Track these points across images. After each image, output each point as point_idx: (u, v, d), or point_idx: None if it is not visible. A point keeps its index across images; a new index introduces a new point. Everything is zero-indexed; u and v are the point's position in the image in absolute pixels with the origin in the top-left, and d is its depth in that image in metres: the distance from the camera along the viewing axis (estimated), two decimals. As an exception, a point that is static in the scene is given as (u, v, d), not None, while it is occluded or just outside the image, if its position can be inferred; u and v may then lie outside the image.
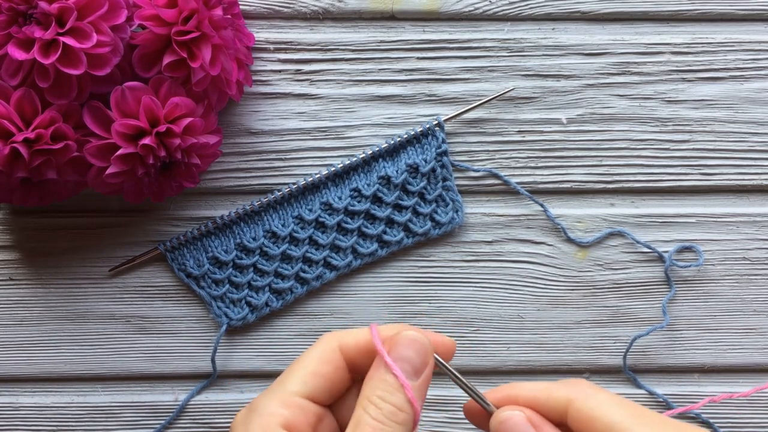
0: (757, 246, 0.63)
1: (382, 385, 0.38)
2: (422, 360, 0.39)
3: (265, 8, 0.63)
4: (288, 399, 0.38)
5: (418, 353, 0.39)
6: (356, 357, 0.40)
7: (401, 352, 0.38)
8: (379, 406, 0.37)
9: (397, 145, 0.62)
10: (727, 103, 0.63)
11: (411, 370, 0.38)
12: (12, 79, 0.51)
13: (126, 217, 0.63)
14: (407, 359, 0.38)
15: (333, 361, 0.39)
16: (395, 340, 0.39)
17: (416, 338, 0.39)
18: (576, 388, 0.38)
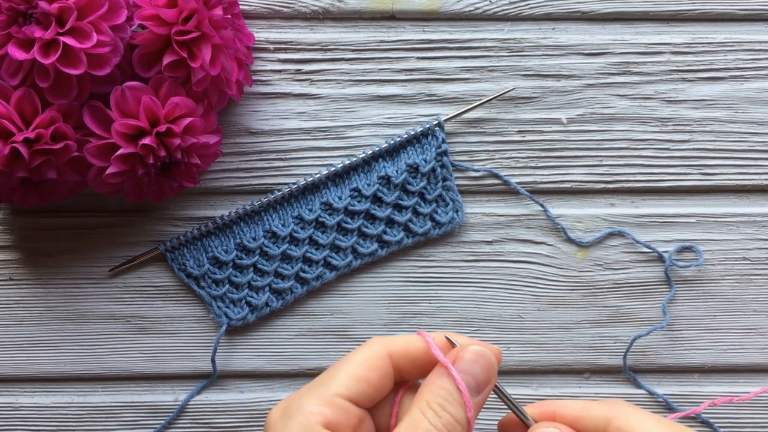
0: (757, 246, 0.63)
1: (443, 393, 0.37)
2: (486, 378, 0.38)
3: (265, 8, 0.63)
4: (330, 399, 0.37)
5: (483, 370, 0.38)
6: (405, 365, 0.39)
7: (467, 367, 0.38)
8: (439, 414, 0.37)
9: (397, 145, 0.62)
10: (727, 103, 0.63)
11: (474, 386, 0.38)
12: (12, 79, 0.51)
13: (126, 217, 0.63)
14: (473, 375, 0.38)
15: (380, 367, 0.39)
16: (462, 353, 0.38)
17: (484, 354, 0.38)
18: (615, 407, 0.38)
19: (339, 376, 0.38)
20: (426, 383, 0.38)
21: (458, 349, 0.39)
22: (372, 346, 0.39)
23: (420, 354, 0.39)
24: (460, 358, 0.38)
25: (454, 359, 0.38)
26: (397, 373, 0.40)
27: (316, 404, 0.37)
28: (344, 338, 0.63)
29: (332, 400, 0.37)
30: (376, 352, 0.39)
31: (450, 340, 0.40)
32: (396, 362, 0.39)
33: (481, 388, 0.38)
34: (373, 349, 0.39)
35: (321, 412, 0.36)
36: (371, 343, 0.39)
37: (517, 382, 0.64)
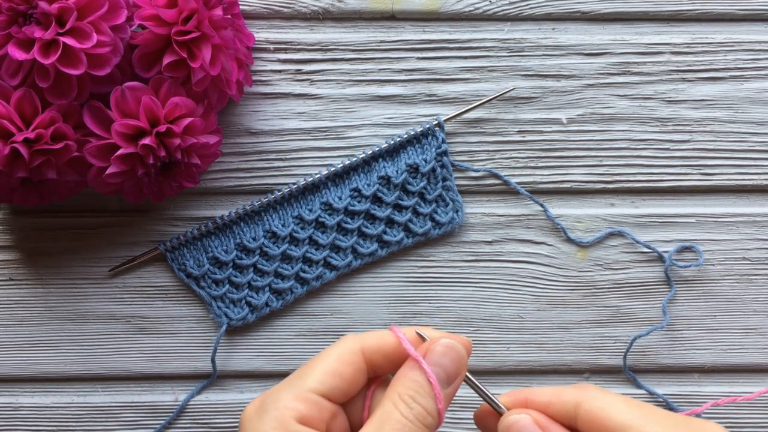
0: (757, 246, 0.63)
1: (414, 386, 0.38)
2: (456, 369, 0.39)
3: (265, 8, 0.63)
4: (304, 395, 0.38)
5: (453, 362, 0.39)
6: (378, 360, 0.40)
7: (437, 359, 0.39)
8: (410, 405, 0.38)
9: (397, 145, 0.62)
10: (727, 103, 0.63)
11: (445, 378, 0.39)
12: (12, 79, 0.51)
13: (126, 217, 0.63)
14: (443, 367, 0.39)
15: (353, 363, 0.39)
16: (432, 347, 0.39)
17: (453, 347, 0.39)
18: (585, 390, 0.39)
19: (313, 372, 0.39)
20: (397, 376, 0.39)
21: (429, 342, 0.40)
22: (345, 342, 0.40)
23: (392, 349, 0.40)
24: (431, 351, 0.39)
25: (424, 352, 0.39)
26: (370, 368, 0.40)
27: (290, 399, 0.38)
28: (344, 338, 0.63)
29: (306, 395, 0.38)
30: (349, 347, 0.40)
31: (420, 335, 0.41)
32: (369, 357, 0.40)
33: (452, 380, 0.39)
34: (347, 345, 0.40)
35: (295, 407, 0.37)
36: (345, 339, 0.40)
37: (517, 382, 0.64)
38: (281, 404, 0.37)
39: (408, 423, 0.37)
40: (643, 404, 0.38)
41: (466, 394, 0.63)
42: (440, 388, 0.38)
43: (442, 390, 0.39)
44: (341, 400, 0.40)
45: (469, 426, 0.63)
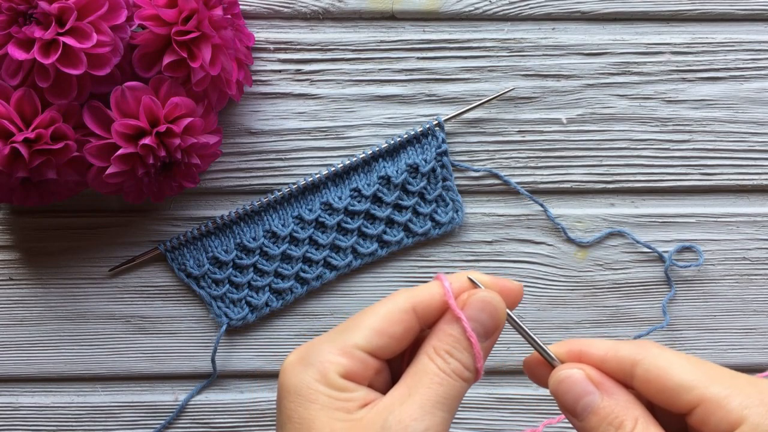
0: (757, 246, 0.63)
1: (450, 340, 0.37)
2: (494, 324, 0.38)
3: (265, 8, 0.63)
4: (348, 350, 0.37)
5: (491, 317, 0.38)
6: (432, 315, 0.39)
7: (474, 314, 0.38)
8: (447, 360, 0.37)
9: (397, 145, 0.62)
10: (727, 103, 0.63)
11: (482, 332, 0.38)
12: (12, 79, 0.51)
13: (126, 217, 0.63)
14: (480, 321, 0.38)
15: (404, 321, 0.38)
16: (469, 300, 0.38)
17: (491, 301, 0.38)
18: (643, 348, 0.37)
19: (360, 328, 0.37)
20: (434, 330, 0.38)
21: (468, 294, 0.38)
22: (396, 300, 0.38)
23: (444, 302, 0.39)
24: (468, 304, 0.38)
25: (462, 306, 0.38)
26: (425, 324, 0.39)
27: (334, 353, 0.37)
28: (344, 338, 0.63)
29: (351, 351, 0.37)
30: (400, 305, 0.38)
31: (472, 281, 0.40)
32: (422, 315, 0.38)
33: (489, 334, 0.38)
34: (398, 303, 0.38)
35: (339, 361, 0.36)
36: (396, 295, 0.39)
37: (517, 381, 0.64)
38: (325, 357, 0.37)
39: (445, 377, 0.36)
40: (706, 363, 0.36)
41: (466, 394, 0.63)
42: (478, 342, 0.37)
43: (482, 344, 0.37)
44: (388, 357, 0.39)
45: (469, 426, 0.63)
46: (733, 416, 0.33)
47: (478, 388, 0.64)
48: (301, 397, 0.36)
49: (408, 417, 0.35)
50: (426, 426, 0.35)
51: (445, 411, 0.36)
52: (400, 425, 0.35)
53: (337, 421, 0.35)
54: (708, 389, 0.34)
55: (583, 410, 0.37)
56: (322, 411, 0.35)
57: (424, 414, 0.35)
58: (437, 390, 0.36)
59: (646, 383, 0.36)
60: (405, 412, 0.35)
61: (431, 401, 0.36)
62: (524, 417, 0.64)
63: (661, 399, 0.35)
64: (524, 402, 0.63)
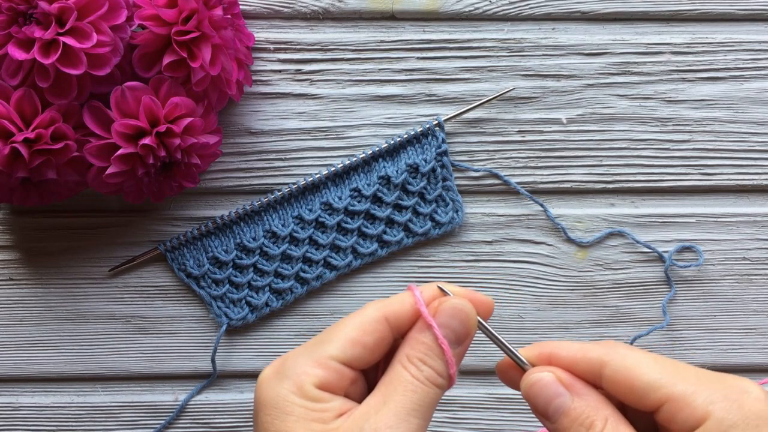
0: (757, 246, 0.63)
1: (423, 348, 0.38)
2: (465, 330, 0.39)
3: (265, 8, 0.63)
4: (324, 361, 0.37)
5: (462, 323, 0.38)
6: (403, 324, 0.39)
7: (446, 321, 0.38)
8: (420, 368, 0.37)
9: (397, 145, 0.62)
10: (727, 103, 0.63)
11: (454, 339, 0.38)
12: (12, 79, 0.51)
13: (126, 217, 0.63)
14: (451, 328, 0.38)
15: (376, 331, 0.38)
16: (441, 307, 0.39)
17: (462, 308, 0.39)
18: (612, 349, 0.37)
19: (334, 339, 0.38)
20: (407, 339, 0.39)
21: (438, 302, 0.39)
22: (368, 311, 0.39)
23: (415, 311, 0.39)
24: (439, 311, 0.39)
25: (433, 313, 0.39)
26: (398, 333, 0.40)
27: (310, 365, 0.37)
28: (344, 338, 0.63)
29: (327, 362, 0.37)
30: (372, 315, 0.39)
31: (442, 290, 0.40)
32: (395, 324, 0.39)
33: (461, 340, 0.39)
34: (369, 313, 0.39)
35: (315, 372, 0.37)
36: (368, 306, 0.40)
37: (517, 382, 0.64)
38: (300, 369, 0.37)
39: (419, 384, 0.37)
40: (673, 362, 0.36)
41: (466, 394, 0.63)
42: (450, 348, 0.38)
43: (453, 351, 0.38)
44: (363, 367, 0.39)
45: (469, 426, 0.63)
46: (699, 412, 0.34)
47: (478, 388, 0.64)
48: (277, 410, 0.36)
49: (383, 425, 0.35)
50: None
51: (419, 418, 0.37)
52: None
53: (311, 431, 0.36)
54: (674, 387, 0.35)
55: (554, 412, 0.37)
56: (298, 422, 0.36)
57: (399, 422, 0.36)
58: (411, 397, 0.37)
59: (614, 384, 0.36)
60: (380, 420, 0.36)
61: (406, 409, 0.36)
62: (524, 417, 0.64)
63: (629, 398, 0.36)
64: (524, 402, 0.63)
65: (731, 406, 0.34)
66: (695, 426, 0.34)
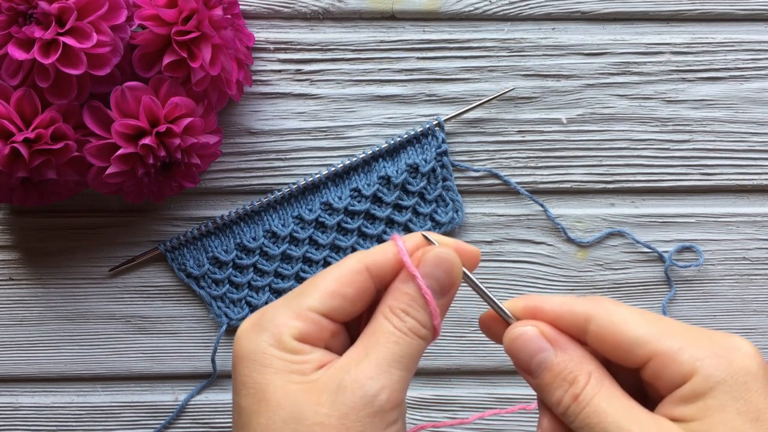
0: (757, 246, 0.63)
1: (406, 299, 0.37)
2: (449, 281, 0.37)
3: (265, 8, 0.63)
4: (303, 313, 0.36)
5: (446, 273, 0.37)
6: (386, 274, 0.38)
7: (429, 271, 0.37)
8: (403, 318, 0.36)
9: (397, 145, 0.62)
10: (727, 103, 0.63)
11: (438, 289, 0.37)
12: (12, 79, 0.51)
13: (126, 217, 0.63)
14: (435, 278, 0.37)
15: (357, 282, 0.37)
16: (425, 257, 0.37)
17: (446, 257, 0.37)
18: (598, 304, 0.36)
19: (314, 291, 0.37)
20: (390, 289, 0.38)
21: (422, 251, 0.38)
22: (349, 261, 0.38)
23: (398, 261, 0.38)
24: (423, 261, 0.37)
25: (417, 263, 0.37)
26: (380, 284, 0.38)
27: (288, 317, 0.36)
28: (344, 338, 0.63)
29: (306, 314, 0.36)
30: (352, 266, 0.38)
31: (427, 238, 0.39)
32: (376, 275, 0.38)
33: (445, 291, 0.38)
34: (349, 264, 0.38)
35: (293, 324, 0.36)
36: (349, 258, 0.38)
37: (517, 382, 0.64)
38: (279, 321, 0.36)
39: (401, 335, 0.36)
40: (661, 318, 0.36)
41: (466, 394, 0.63)
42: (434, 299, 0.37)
43: (438, 302, 0.37)
44: (346, 319, 0.38)
45: (469, 426, 0.63)
46: (686, 368, 0.33)
47: (478, 388, 0.64)
48: (255, 363, 0.36)
49: (363, 376, 0.35)
50: (382, 384, 0.35)
51: (402, 369, 0.36)
52: (355, 384, 0.34)
53: (291, 383, 0.35)
54: (660, 343, 0.34)
55: (537, 367, 0.37)
56: (277, 375, 0.35)
57: (380, 373, 0.35)
58: (393, 349, 0.36)
59: (599, 339, 0.36)
60: (361, 371, 0.35)
61: (387, 360, 0.35)
62: (524, 417, 0.64)
63: (615, 354, 0.36)
64: (524, 402, 0.63)
65: (719, 363, 0.33)
66: (681, 382, 0.34)
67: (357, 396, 0.34)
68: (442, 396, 0.63)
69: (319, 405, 0.34)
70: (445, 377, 0.64)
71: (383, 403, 0.34)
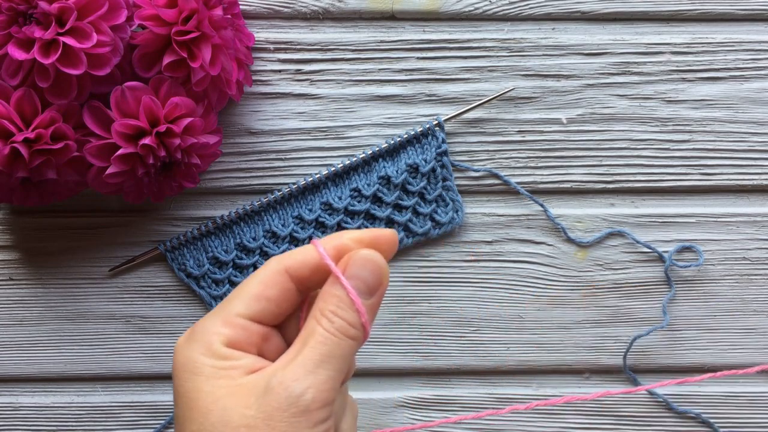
0: (757, 246, 0.63)
1: (335, 300, 0.38)
2: (376, 280, 0.39)
3: (265, 8, 0.63)
4: (231, 319, 0.38)
5: (372, 273, 0.39)
6: (307, 275, 0.39)
7: (356, 272, 0.38)
8: (332, 320, 0.38)
9: (397, 145, 0.62)
10: (727, 103, 0.63)
11: (365, 289, 0.38)
12: (12, 79, 0.51)
13: (126, 217, 0.63)
14: (362, 279, 0.38)
15: (278, 283, 0.39)
16: (352, 258, 0.39)
17: (372, 258, 0.39)
18: None
19: (238, 298, 0.39)
20: (320, 294, 0.39)
21: (349, 255, 0.39)
22: (269, 265, 0.40)
23: (318, 263, 0.39)
24: (350, 263, 0.39)
25: (345, 265, 0.39)
26: (301, 285, 0.40)
27: (217, 325, 0.38)
28: (344, 338, 0.63)
29: (232, 320, 0.38)
30: (272, 268, 0.39)
31: None
32: (296, 276, 0.39)
33: (373, 291, 0.39)
34: (270, 267, 0.39)
35: (222, 332, 0.38)
36: (268, 262, 0.40)
37: (517, 382, 0.64)
38: (209, 330, 0.38)
39: (330, 336, 0.37)
40: None
41: (466, 394, 0.63)
42: (362, 300, 0.38)
43: (364, 301, 0.38)
44: (274, 322, 0.40)
45: (469, 426, 0.63)
46: None
47: (478, 388, 0.64)
48: (187, 372, 0.37)
49: (289, 378, 0.36)
50: (307, 385, 0.36)
51: (330, 369, 0.37)
52: (281, 386, 0.35)
53: (221, 388, 0.36)
54: None
55: None
56: (207, 381, 0.36)
57: (307, 373, 0.36)
58: (320, 349, 0.37)
59: None
60: (287, 373, 0.36)
61: (313, 361, 0.36)
62: (524, 417, 0.64)
63: None
64: (524, 402, 0.63)
65: None
66: None
67: (282, 397, 0.35)
68: (442, 396, 0.63)
69: (246, 408, 0.35)
70: (445, 377, 0.64)
71: (308, 403, 0.35)
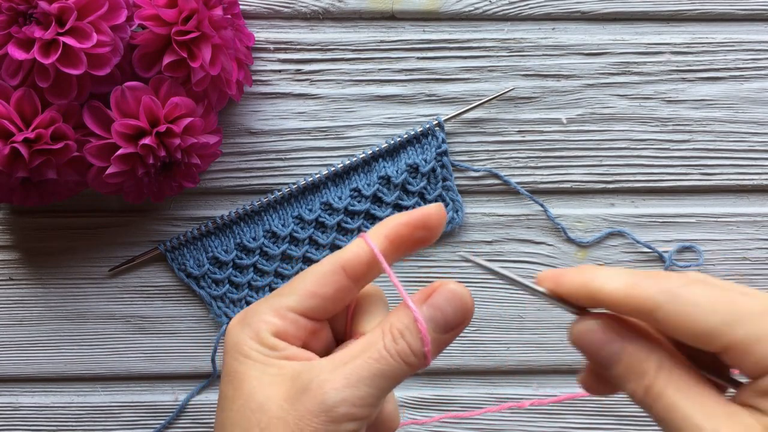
0: (757, 246, 0.63)
1: (406, 321, 0.37)
2: (458, 318, 0.37)
3: (265, 8, 0.63)
4: (281, 311, 0.38)
5: (456, 311, 0.37)
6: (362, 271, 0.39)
7: (440, 303, 0.37)
8: (396, 340, 0.36)
9: (397, 145, 0.62)
10: (727, 103, 0.63)
11: (443, 324, 0.37)
12: (12, 79, 0.51)
13: (126, 217, 0.63)
14: (443, 312, 0.37)
15: (335, 282, 0.38)
16: (440, 288, 0.37)
17: (460, 295, 0.37)
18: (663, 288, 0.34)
19: (292, 291, 0.39)
20: (396, 308, 0.38)
21: (439, 282, 0.38)
22: (325, 263, 0.39)
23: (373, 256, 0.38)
24: (438, 292, 0.37)
25: (432, 291, 0.37)
26: (357, 280, 0.39)
27: (268, 314, 0.38)
28: (344, 338, 0.63)
29: (284, 312, 0.38)
30: (327, 268, 0.39)
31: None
32: (352, 272, 0.38)
33: (450, 328, 0.37)
34: (326, 265, 0.39)
35: (272, 321, 0.38)
36: (322, 262, 0.39)
37: (517, 382, 0.64)
38: (260, 317, 0.38)
39: (387, 356, 0.36)
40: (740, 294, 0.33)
41: (466, 394, 0.63)
42: (435, 333, 0.36)
43: (437, 335, 0.37)
44: (326, 317, 0.39)
45: (469, 426, 0.63)
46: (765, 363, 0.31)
47: (478, 388, 0.64)
48: (237, 353, 0.38)
49: (330, 384, 0.35)
50: (343, 397, 0.35)
51: (373, 388, 0.36)
52: (319, 390, 0.35)
53: (266, 375, 0.37)
54: (736, 334, 0.31)
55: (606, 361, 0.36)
56: (254, 366, 0.37)
57: (347, 386, 0.35)
58: (372, 365, 0.36)
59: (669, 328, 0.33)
60: (329, 378, 0.35)
61: (358, 375, 0.35)
62: (524, 417, 0.64)
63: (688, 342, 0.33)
64: (522, 402, 0.63)
65: None
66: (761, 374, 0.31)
67: (316, 401, 0.35)
68: (442, 396, 0.63)
69: (284, 400, 0.36)
70: (445, 377, 0.64)
71: (339, 416, 0.35)
